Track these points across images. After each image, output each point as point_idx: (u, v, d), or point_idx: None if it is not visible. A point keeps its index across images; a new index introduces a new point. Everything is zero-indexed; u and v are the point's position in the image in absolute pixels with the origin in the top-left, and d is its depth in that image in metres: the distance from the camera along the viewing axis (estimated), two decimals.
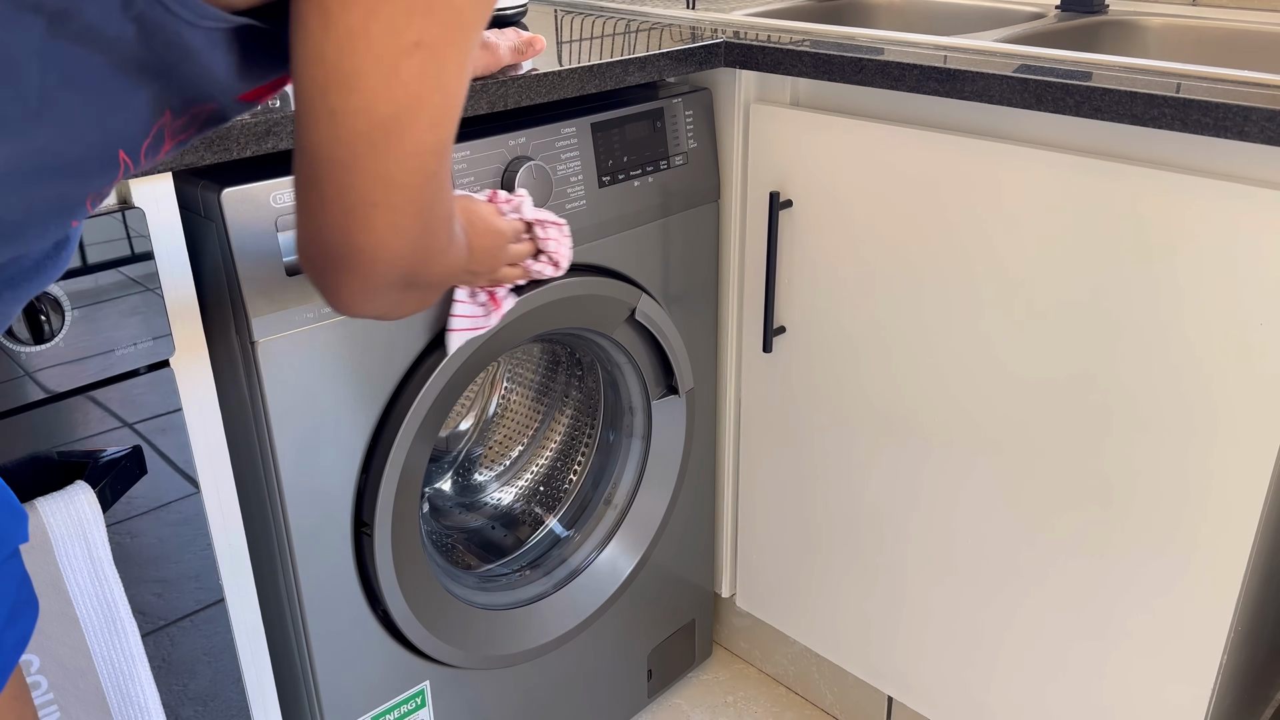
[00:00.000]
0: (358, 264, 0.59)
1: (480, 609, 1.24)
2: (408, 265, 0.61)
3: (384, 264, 0.60)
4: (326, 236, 0.59)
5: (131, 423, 0.90)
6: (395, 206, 0.57)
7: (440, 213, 0.61)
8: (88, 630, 0.83)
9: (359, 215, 0.57)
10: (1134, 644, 1.12)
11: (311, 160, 0.56)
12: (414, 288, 0.65)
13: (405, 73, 0.53)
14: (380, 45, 0.52)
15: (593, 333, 1.24)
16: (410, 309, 0.69)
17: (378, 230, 0.58)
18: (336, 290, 0.62)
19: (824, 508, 1.39)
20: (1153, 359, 1.01)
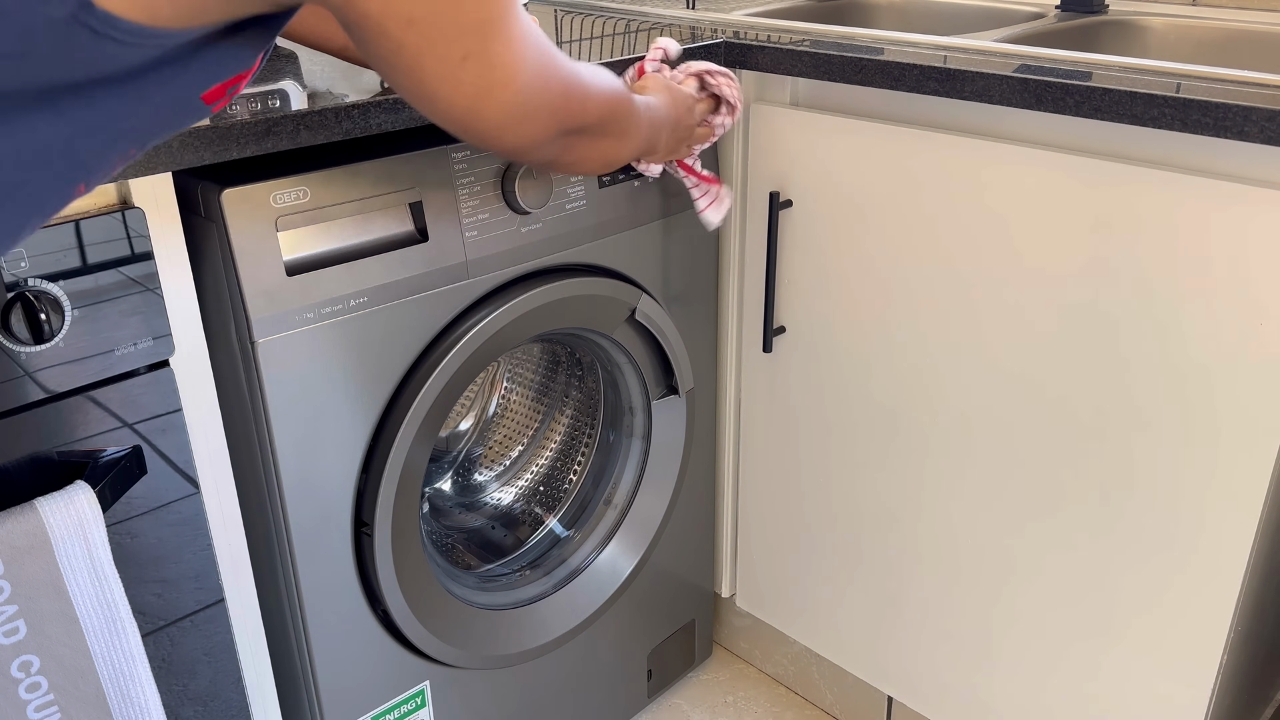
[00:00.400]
0: (513, 147, 0.75)
1: (480, 609, 1.24)
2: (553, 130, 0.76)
3: (533, 142, 0.75)
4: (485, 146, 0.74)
5: (131, 423, 0.90)
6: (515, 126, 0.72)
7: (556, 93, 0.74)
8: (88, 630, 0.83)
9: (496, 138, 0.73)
10: (1134, 644, 1.12)
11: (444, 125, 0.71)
12: (576, 133, 0.81)
13: (466, 79, 0.66)
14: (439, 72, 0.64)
15: (593, 333, 1.24)
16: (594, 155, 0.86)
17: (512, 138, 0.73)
18: (519, 157, 0.78)
19: (824, 507, 1.39)
20: (1153, 358, 1.01)
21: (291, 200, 0.94)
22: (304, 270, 0.96)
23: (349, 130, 0.95)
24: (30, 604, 0.80)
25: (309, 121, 0.92)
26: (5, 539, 0.78)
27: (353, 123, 0.95)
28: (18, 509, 0.80)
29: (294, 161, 0.97)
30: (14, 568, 0.79)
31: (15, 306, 0.79)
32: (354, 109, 0.94)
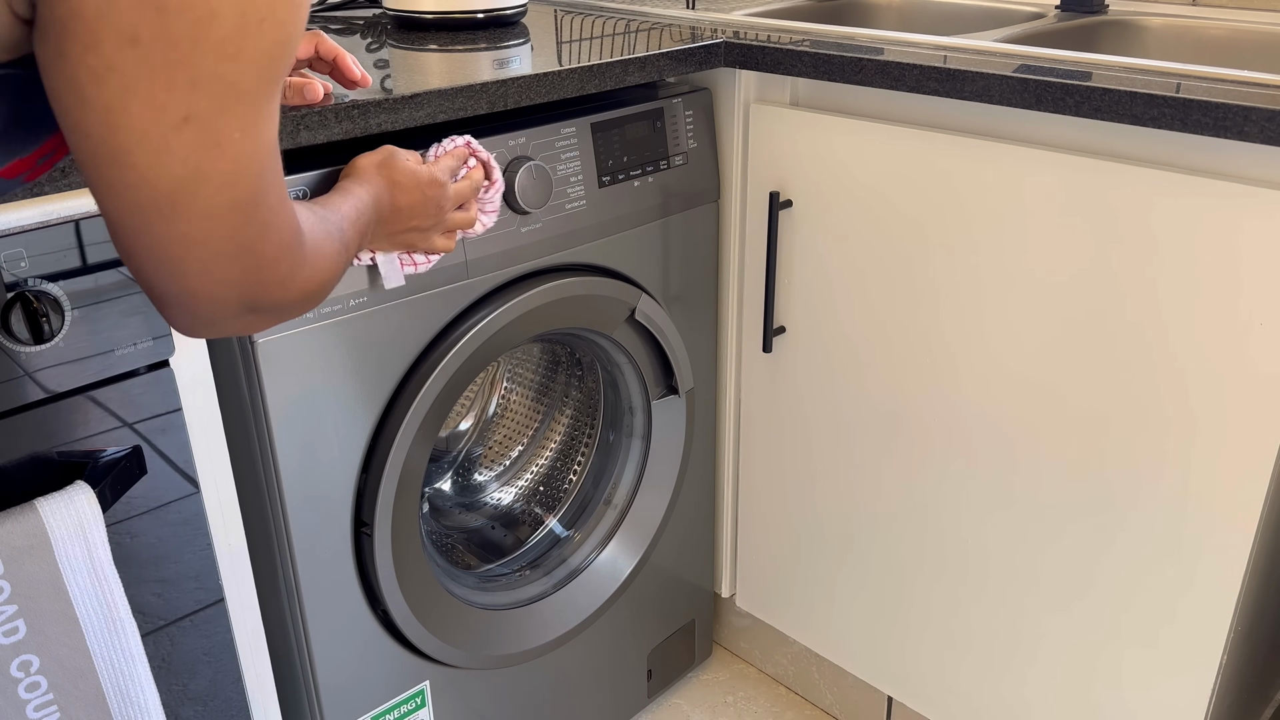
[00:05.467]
0: (186, 304, 0.57)
1: (480, 609, 1.24)
2: (240, 300, 0.58)
3: (212, 302, 0.57)
4: (149, 285, 0.56)
5: (131, 423, 0.90)
6: (204, 260, 0.54)
7: (267, 249, 0.57)
8: (88, 630, 0.83)
9: (169, 269, 0.55)
10: (1134, 644, 1.12)
11: (108, 221, 0.53)
12: (265, 313, 0.61)
13: (178, 148, 0.50)
14: (144, 123, 0.48)
15: (593, 333, 1.24)
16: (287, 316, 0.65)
17: (192, 279, 0.55)
18: (177, 324, 0.59)
19: (824, 507, 1.39)
20: (1152, 359, 1.01)
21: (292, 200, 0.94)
22: None
23: (349, 130, 0.95)
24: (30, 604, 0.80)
25: (309, 121, 0.92)
26: (5, 539, 0.78)
27: (352, 123, 0.95)
28: (18, 509, 0.79)
29: (294, 161, 0.97)
30: (14, 568, 0.79)
31: (15, 306, 0.79)
32: (354, 109, 0.94)
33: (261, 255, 0.57)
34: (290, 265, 0.60)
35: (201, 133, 0.50)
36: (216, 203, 0.52)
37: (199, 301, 0.57)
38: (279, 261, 0.59)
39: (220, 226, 0.53)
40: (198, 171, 0.51)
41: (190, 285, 0.55)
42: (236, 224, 0.54)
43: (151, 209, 0.51)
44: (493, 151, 1.08)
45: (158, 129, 0.49)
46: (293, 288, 0.62)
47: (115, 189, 0.51)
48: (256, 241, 0.56)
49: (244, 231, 0.55)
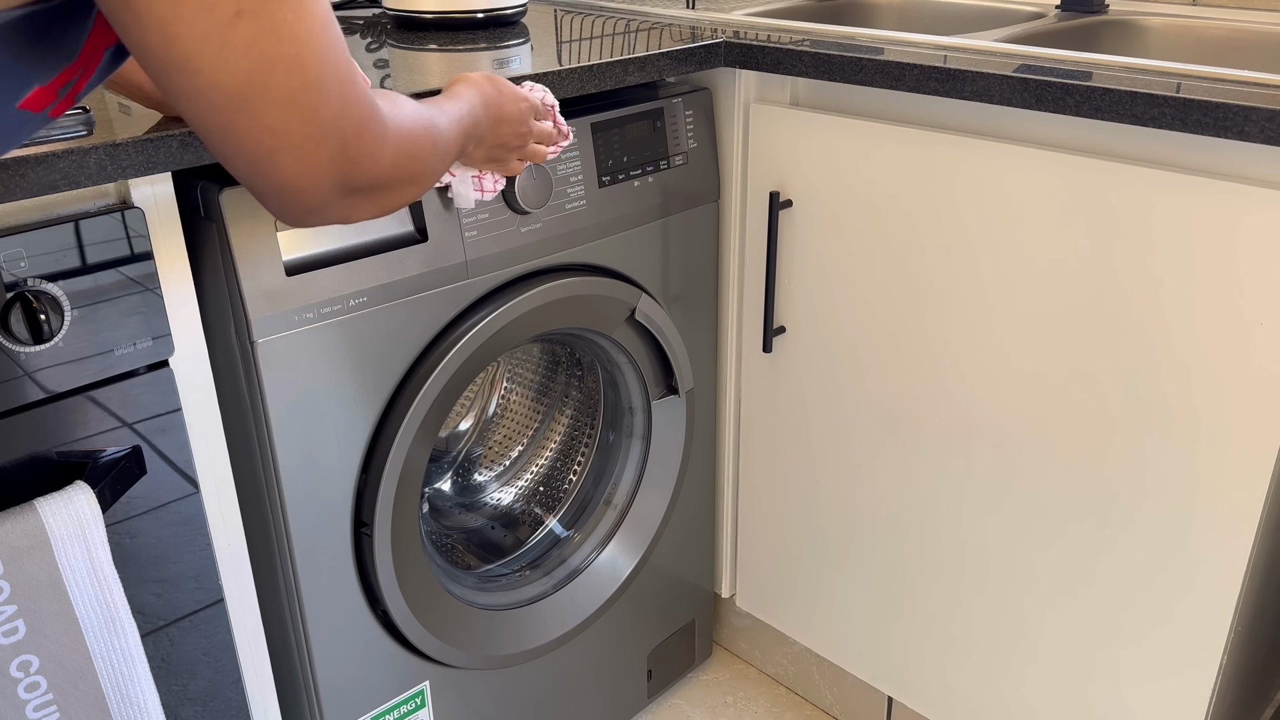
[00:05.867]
0: (288, 196, 0.60)
1: (480, 609, 1.24)
2: (336, 179, 0.61)
3: (311, 187, 0.60)
4: (249, 181, 0.59)
5: (131, 423, 0.90)
6: (294, 145, 0.57)
7: (348, 124, 0.59)
8: (87, 631, 0.83)
9: (263, 163, 0.57)
10: (1134, 643, 1.12)
11: (198, 130, 0.56)
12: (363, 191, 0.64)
13: (237, 43, 0.51)
14: (200, 25, 0.50)
15: (593, 333, 1.24)
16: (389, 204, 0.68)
17: (288, 168, 0.58)
18: (285, 216, 0.62)
19: (824, 507, 1.39)
20: (1152, 359, 1.01)
21: None
22: (304, 270, 0.96)
23: None
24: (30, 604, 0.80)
25: None
26: (5, 539, 0.78)
27: None
28: (17, 509, 0.79)
29: None
30: (13, 568, 0.79)
31: (15, 306, 0.79)
32: None
33: (344, 130, 0.59)
34: (374, 137, 0.62)
35: (255, 22, 0.51)
36: (288, 87, 0.54)
37: (299, 189, 0.59)
38: (362, 134, 0.61)
39: (299, 110, 0.56)
40: (261, 61, 0.52)
41: (287, 174, 0.58)
42: (313, 104, 0.56)
43: (229, 108, 0.54)
44: None
45: (214, 29, 0.50)
46: (383, 160, 0.64)
47: (191, 96, 0.53)
48: (338, 117, 0.58)
49: (323, 110, 0.57)
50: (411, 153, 0.67)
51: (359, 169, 0.62)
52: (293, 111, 0.55)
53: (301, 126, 0.56)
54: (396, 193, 0.68)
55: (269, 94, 0.54)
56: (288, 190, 0.60)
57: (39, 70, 0.54)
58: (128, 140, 0.82)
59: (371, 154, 0.62)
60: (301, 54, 0.54)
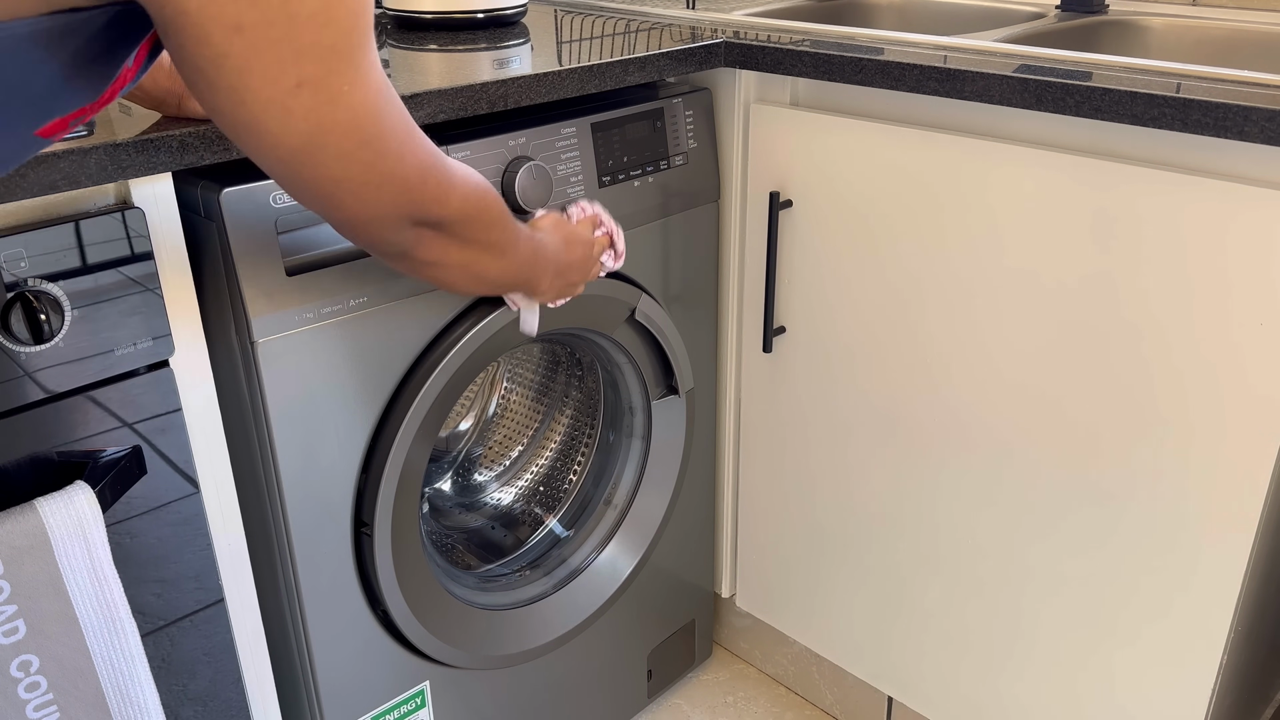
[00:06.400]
0: (355, 228, 0.68)
1: (480, 609, 1.24)
2: (400, 216, 0.69)
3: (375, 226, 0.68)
4: (321, 215, 0.67)
5: (131, 423, 0.90)
6: (353, 192, 0.64)
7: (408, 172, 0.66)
8: (87, 630, 0.83)
9: (327, 203, 0.65)
10: (1134, 643, 1.12)
11: (270, 174, 0.63)
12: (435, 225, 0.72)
13: (298, 109, 0.57)
14: (265, 94, 0.56)
15: (593, 333, 1.24)
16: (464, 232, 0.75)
17: (351, 208, 0.66)
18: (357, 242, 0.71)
19: (824, 507, 1.39)
20: (1152, 358, 1.01)
21: (292, 200, 0.94)
22: (304, 271, 0.96)
23: None
24: (30, 604, 0.80)
25: None
26: (5, 539, 0.78)
27: None
28: (18, 509, 0.79)
29: None
30: (14, 568, 0.79)
31: (15, 306, 0.79)
32: None
33: (405, 179, 0.66)
34: (438, 182, 0.70)
35: (315, 93, 0.57)
36: (345, 146, 0.61)
37: (363, 224, 0.68)
38: (425, 181, 0.68)
39: (356, 164, 0.62)
40: (320, 125, 0.58)
41: (350, 214, 0.66)
42: (370, 159, 0.62)
43: (293, 161, 0.60)
44: (493, 150, 1.08)
45: (278, 97, 0.56)
46: (449, 205, 0.72)
47: (258, 151, 0.60)
48: (395, 168, 0.65)
49: (380, 164, 0.63)
50: (480, 206, 0.75)
51: (423, 207, 0.70)
52: (350, 164, 0.62)
53: (360, 174, 0.63)
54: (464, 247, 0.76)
55: (327, 152, 0.60)
56: (354, 223, 0.67)
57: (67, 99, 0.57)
58: (128, 140, 0.82)
59: (435, 196, 0.70)
60: (358, 118, 0.60)
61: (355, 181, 0.63)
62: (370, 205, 0.66)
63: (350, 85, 0.58)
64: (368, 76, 0.59)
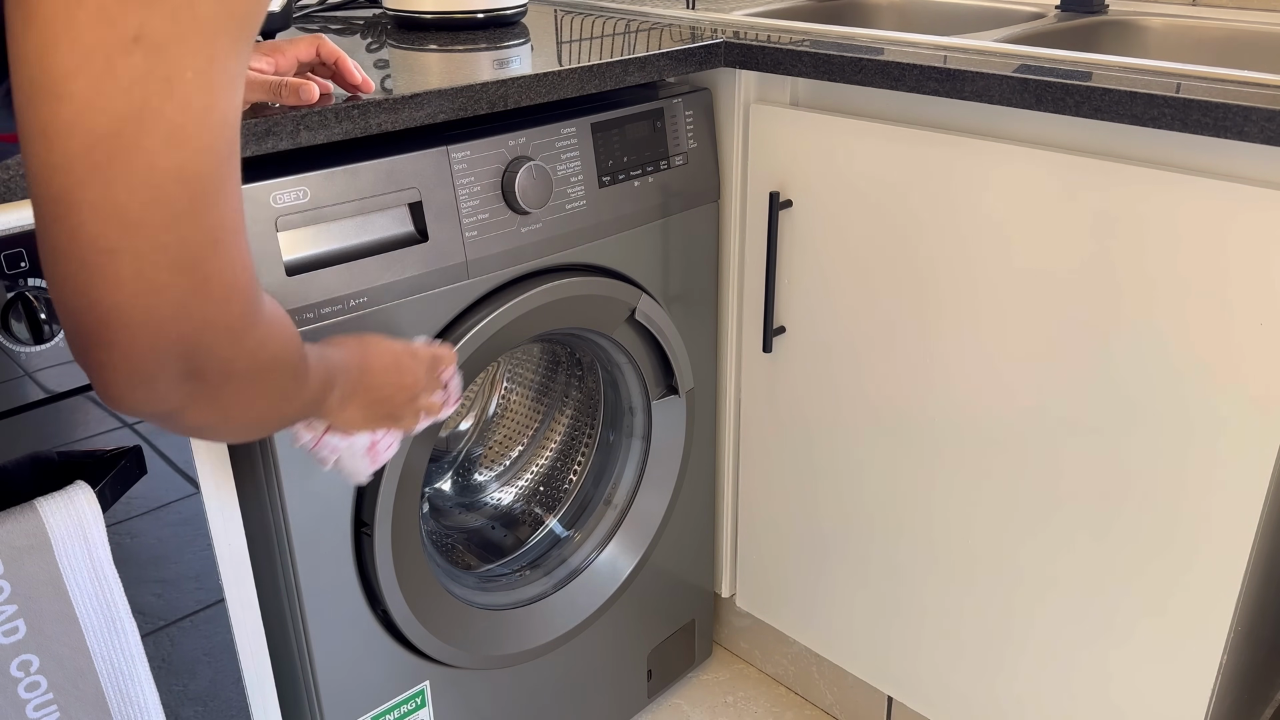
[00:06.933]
0: (114, 334, 0.48)
1: (480, 609, 1.24)
2: (178, 337, 0.49)
3: (142, 331, 0.48)
4: (72, 302, 0.47)
5: (131, 423, 0.90)
6: (140, 253, 0.46)
7: (216, 271, 0.49)
8: (88, 630, 0.83)
9: (96, 264, 0.46)
10: (1134, 643, 1.12)
11: (37, 201, 0.46)
12: (208, 380, 0.52)
13: (123, 73, 0.43)
14: (90, 36, 0.42)
15: (593, 333, 1.24)
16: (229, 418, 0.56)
17: (122, 283, 0.46)
18: (105, 373, 0.50)
19: (824, 507, 1.39)
20: (1152, 358, 1.01)
21: (291, 200, 0.94)
22: (304, 270, 0.96)
23: (349, 130, 0.95)
24: (30, 604, 0.80)
25: (309, 121, 0.92)
26: (5, 539, 0.78)
27: (352, 123, 0.95)
28: (18, 509, 0.80)
29: (293, 161, 0.97)
30: (14, 567, 0.79)
31: (15, 306, 0.79)
32: (354, 109, 0.94)
33: (208, 275, 0.49)
34: (242, 313, 0.51)
35: (152, 58, 0.43)
36: (158, 163, 0.45)
37: (128, 322, 0.47)
38: (229, 300, 0.50)
39: (160, 203, 0.46)
40: (143, 108, 0.44)
41: (119, 295, 0.47)
42: (180, 209, 0.46)
43: (85, 160, 0.44)
44: (493, 150, 1.08)
45: (104, 46, 0.43)
46: (244, 347, 0.52)
47: (48, 133, 0.44)
48: (204, 252, 0.48)
49: (189, 225, 0.47)
50: (276, 354, 0.56)
51: (211, 338, 0.50)
52: (153, 200, 0.45)
53: (158, 227, 0.46)
54: (247, 402, 0.56)
55: (134, 160, 0.44)
56: (116, 323, 0.47)
57: None
58: None
59: (232, 329, 0.51)
60: (186, 126, 0.45)
61: (148, 239, 0.46)
62: (151, 295, 0.47)
63: (195, 74, 0.44)
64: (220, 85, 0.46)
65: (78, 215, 0.45)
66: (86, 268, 0.46)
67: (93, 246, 0.46)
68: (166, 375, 0.50)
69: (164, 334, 0.48)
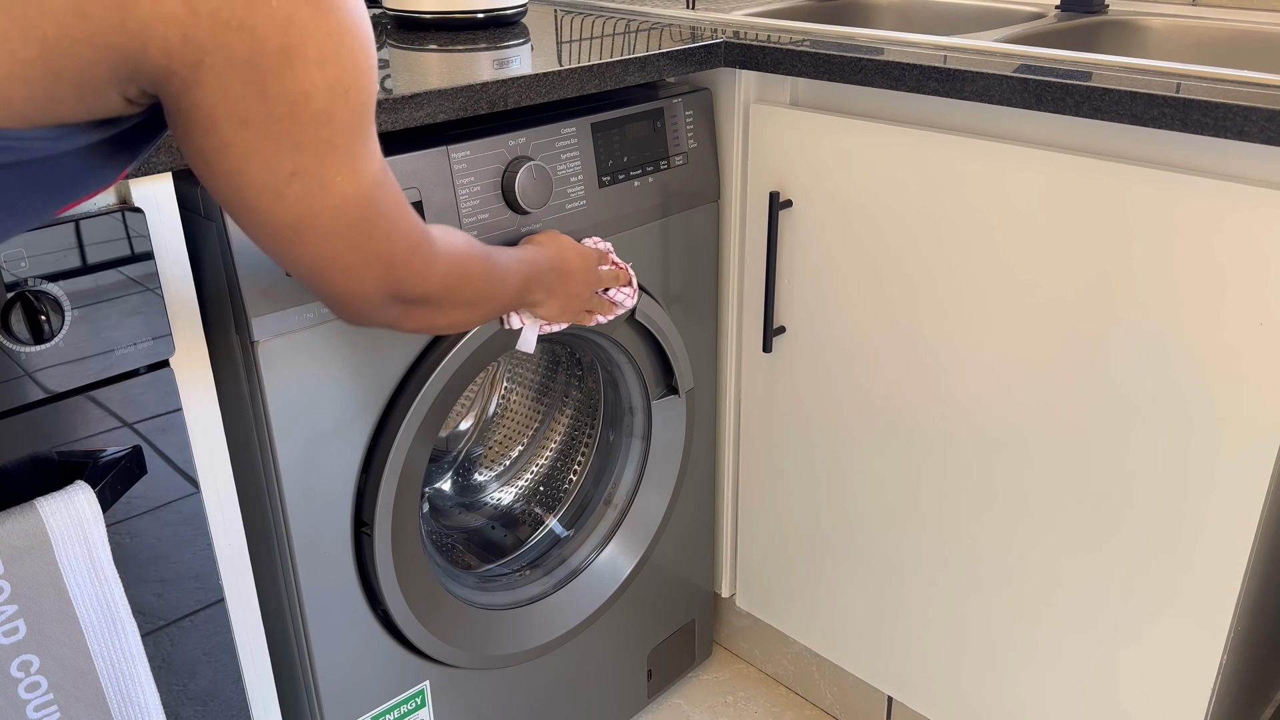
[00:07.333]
0: (341, 303, 0.71)
1: (480, 609, 1.24)
2: (384, 292, 0.71)
3: (362, 298, 0.71)
4: (308, 287, 0.70)
5: (131, 423, 0.90)
6: (340, 268, 0.67)
7: (395, 251, 0.69)
8: (88, 630, 0.83)
9: (316, 280, 0.68)
10: (1134, 644, 1.12)
11: (260, 248, 0.66)
12: (415, 303, 0.75)
13: (290, 195, 0.60)
14: (260, 179, 0.59)
15: (593, 332, 1.24)
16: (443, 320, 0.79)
17: (338, 283, 0.69)
18: (343, 316, 0.73)
19: (824, 507, 1.39)
20: (1152, 358, 1.01)
21: None
22: None
23: None
24: (30, 604, 0.80)
25: None
26: (5, 539, 0.78)
27: None
28: (18, 509, 0.79)
29: None
30: (14, 567, 0.79)
31: (15, 306, 0.79)
32: None
33: (391, 256, 0.69)
34: (423, 260, 0.72)
35: (307, 181, 0.60)
36: (333, 228, 0.64)
37: (350, 299, 0.70)
38: (410, 259, 0.71)
39: (343, 244, 0.65)
40: (309, 210, 0.62)
41: (338, 289, 0.69)
42: (357, 240, 0.65)
43: (282, 239, 0.63)
44: (493, 150, 1.08)
45: (272, 184, 0.59)
46: (432, 279, 0.74)
47: (249, 228, 0.63)
48: (383, 246, 0.68)
49: (367, 243, 0.66)
50: (463, 274, 0.78)
51: (407, 285, 0.72)
52: (337, 244, 0.65)
53: (347, 254, 0.66)
54: (450, 310, 0.79)
55: (315, 233, 0.63)
56: (340, 299, 0.70)
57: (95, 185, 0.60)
58: None
59: (419, 273, 0.72)
60: (346, 205, 0.63)
61: (343, 260, 0.66)
62: (355, 283, 0.69)
63: (343, 175, 0.61)
64: (363, 166, 0.62)
65: (291, 260, 0.66)
66: (310, 276, 0.68)
67: (308, 269, 0.67)
68: (385, 309, 0.73)
69: (374, 294, 0.71)
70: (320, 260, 0.66)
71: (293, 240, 0.63)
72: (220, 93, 0.54)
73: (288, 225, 0.62)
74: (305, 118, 0.57)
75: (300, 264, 0.66)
